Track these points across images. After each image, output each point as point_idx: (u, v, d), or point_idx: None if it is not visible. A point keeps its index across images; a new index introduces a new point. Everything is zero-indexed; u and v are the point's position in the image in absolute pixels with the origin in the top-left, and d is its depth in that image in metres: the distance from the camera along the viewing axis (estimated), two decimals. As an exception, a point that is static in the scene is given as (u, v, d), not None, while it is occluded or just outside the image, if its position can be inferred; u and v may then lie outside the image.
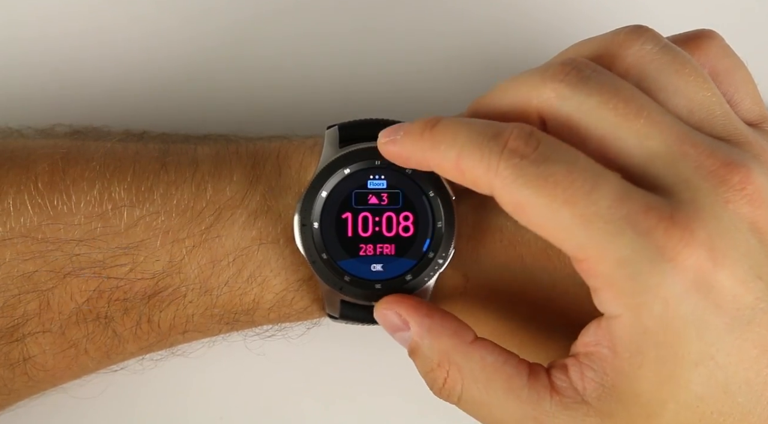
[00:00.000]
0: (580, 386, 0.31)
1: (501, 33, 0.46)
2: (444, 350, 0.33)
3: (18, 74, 0.44)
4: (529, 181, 0.30)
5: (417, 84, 0.45)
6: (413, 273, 0.36)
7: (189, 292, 0.36)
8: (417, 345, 0.34)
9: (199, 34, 0.45)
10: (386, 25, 0.46)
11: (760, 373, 0.30)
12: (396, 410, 0.45)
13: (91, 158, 0.37)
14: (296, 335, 0.40)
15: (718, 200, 0.30)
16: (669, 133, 0.31)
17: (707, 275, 0.29)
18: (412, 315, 0.34)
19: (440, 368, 0.33)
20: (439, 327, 0.34)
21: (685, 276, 0.29)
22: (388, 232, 0.36)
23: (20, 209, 0.35)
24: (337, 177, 0.36)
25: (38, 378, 0.37)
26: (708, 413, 0.31)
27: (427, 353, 0.34)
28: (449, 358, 0.33)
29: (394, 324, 0.35)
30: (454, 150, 0.32)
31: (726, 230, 0.30)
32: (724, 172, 0.30)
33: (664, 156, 0.30)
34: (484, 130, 0.31)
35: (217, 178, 0.37)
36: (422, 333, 0.34)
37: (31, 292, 0.35)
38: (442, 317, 0.34)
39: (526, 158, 0.30)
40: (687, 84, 0.32)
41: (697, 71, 0.33)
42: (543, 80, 0.32)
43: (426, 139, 0.32)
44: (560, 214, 0.30)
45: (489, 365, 0.33)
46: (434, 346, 0.33)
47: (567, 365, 0.32)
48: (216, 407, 0.44)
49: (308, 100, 0.45)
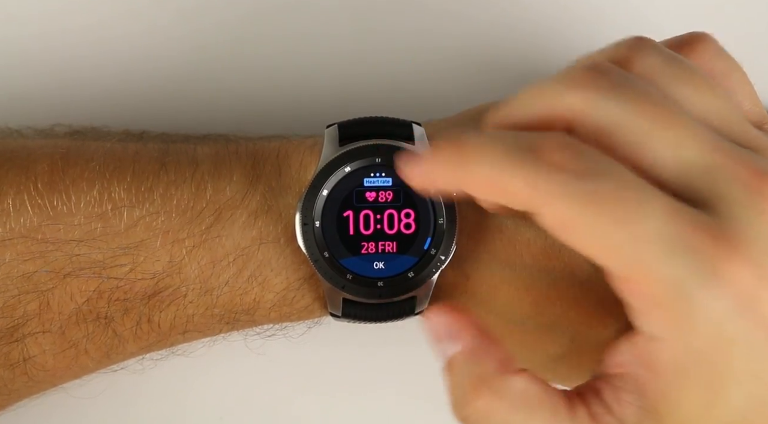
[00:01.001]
0: (618, 412, 0.30)
1: (501, 33, 0.46)
2: (484, 375, 0.31)
3: (17, 74, 0.44)
4: (575, 199, 0.28)
5: (417, 84, 0.46)
6: (415, 270, 0.36)
7: (189, 292, 0.36)
8: (457, 362, 0.32)
9: (199, 34, 0.45)
10: (386, 25, 0.46)
11: None
12: (396, 410, 0.45)
13: (91, 158, 0.36)
14: (297, 335, 0.40)
15: (756, 213, 0.29)
16: (703, 142, 0.30)
17: (753, 292, 0.28)
18: (468, 330, 0.32)
19: (475, 391, 0.31)
20: (486, 350, 0.32)
21: (734, 295, 0.28)
22: (389, 229, 0.36)
23: (20, 210, 0.35)
24: (338, 175, 0.36)
25: (38, 378, 0.37)
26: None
27: (464, 373, 0.32)
28: (489, 384, 0.31)
29: (442, 333, 0.32)
30: (488, 167, 0.29)
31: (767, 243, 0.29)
32: (758, 183, 0.29)
33: (700, 167, 0.29)
34: (517, 143, 0.29)
35: (217, 178, 0.37)
36: (467, 349, 0.32)
37: (31, 292, 0.35)
38: (492, 341, 0.32)
39: (571, 173, 0.28)
40: (699, 94, 0.31)
41: (705, 80, 0.32)
42: (568, 87, 0.30)
43: (455, 156, 0.30)
44: (609, 233, 0.28)
45: (533, 397, 0.31)
46: (476, 367, 0.31)
47: (600, 390, 0.31)
48: (216, 407, 0.44)
49: (308, 100, 0.45)
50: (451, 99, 0.45)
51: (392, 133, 0.36)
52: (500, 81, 0.46)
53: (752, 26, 0.47)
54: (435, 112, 0.42)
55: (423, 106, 0.45)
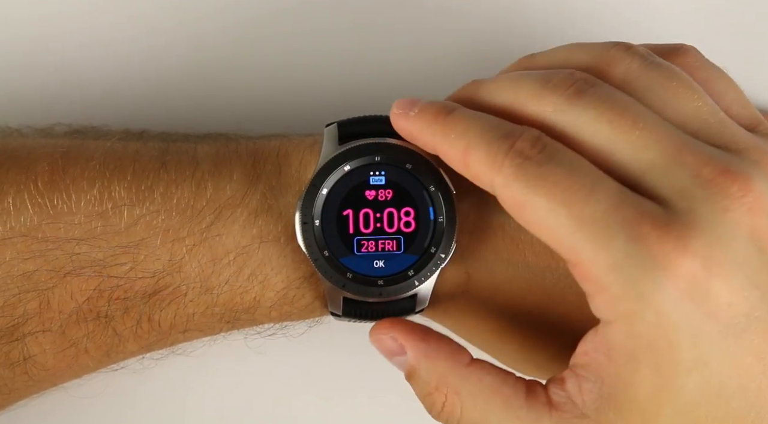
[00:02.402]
0: (578, 400, 0.31)
1: (500, 32, 0.46)
2: (441, 374, 0.34)
3: (17, 74, 0.44)
4: (529, 181, 0.30)
5: (416, 84, 0.46)
6: (415, 269, 0.36)
7: (189, 291, 0.36)
8: (414, 369, 0.34)
9: (199, 33, 0.45)
10: (385, 24, 0.46)
11: (754, 379, 0.31)
12: (396, 410, 0.45)
13: (91, 157, 0.36)
14: (297, 334, 0.40)
15: (716, 209, 0.30)
16: (666, 143, 0.31)
17: (701, 283, 0.29)
18: (408, 339, 0.34)
19: (438, 392, 0.34)
20: (435, 350, 0.34)
21: (679, 284, 0.29)
22: (389, 228, 0.36)
23: (20, 209, 0.35)
24: (337, 174, 0.36)
25: (38, 377, 0.37)
26: (702, 418, 0.31)
27: (424, 377, 0.34)
28: (446, 381, 0.34)
29: (390, 349, 0.35)
30: (464, 141, 0.32)
31: (722, 238, 0.30)
32: (722, 180, 0.30)
33: (660, 166, 0.31)
34: (496, 129, 0.32)
35: (217, 177, 0.37)
36: (419, 357, 0.34)
37: (31, 291, 0.35)
38: (438, 340, 0.34)
39: (530, 159, 0.31)
40: (677, 97, 0.33)
41: (685, 82, 0.33)
42: (543, 92, 0.33)
43: (438, 124, 0.33)
44: (557, 214, 0.30)
45: (487, 387, 0.33)
46: (431, 370, 0.34)
47: (564, 379, 0.32)
48: (216, 407, 0.44)
49: (308, 100, 0.45)
50: (451, 98, 0.44)
51: (392, 132, 0.36)
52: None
53: (750, 26, 0.47)
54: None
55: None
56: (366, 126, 0.36)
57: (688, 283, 0.29)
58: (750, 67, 0.45)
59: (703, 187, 0.30)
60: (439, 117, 0.33)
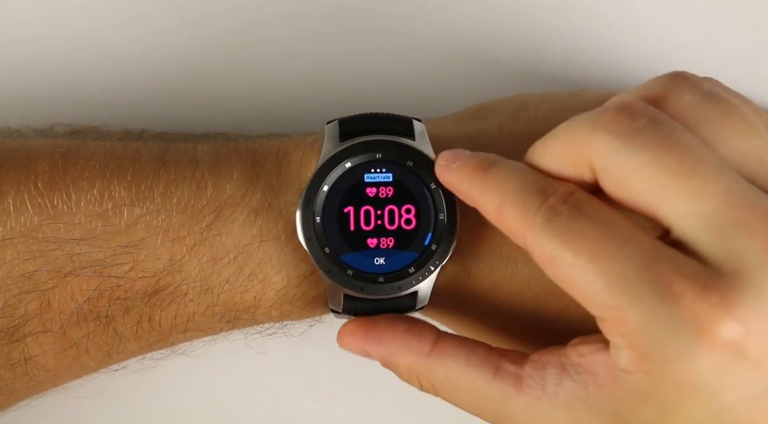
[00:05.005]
0: (551, 391, 0.32)
1: (501, 32, 0.46)
2: (407, 367, 0.35)
3: (18, 74, 0.44)
4: (558, 236, 0.30)
5: (416, 84, 0.46)
6: (416, 266, 0.36)
7: (190, 290, 0.36)
8: (392, 365, 0.35)
9: (198, 34, 0.45)
10: (385, 24, 0.46)
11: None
12: (397, 410, 0.44)
13: (91, 157, 0.36)
14: (298, 333, 0.40)
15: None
16: (723, 196, 0.29)
17: (740, 353, 0.28)
18: (366, 346, 0.35)
19: (411, 380, 0.35)
20: (393, 349, 0.35)
21: (714, 352, 0.28)
22: (390, 225, 0.36)
23: (20, 209, 0.35)
24: (338, 171, 0.36)
25: (39, 378, 0.37)
26: None
27: (396, 371, 0.35)
28: (414, 373, 0.35)
29: (361, 354, 0.36)
30: (500, 197, 0.32)
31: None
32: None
33: (713, 221, 0.29)
34: (531, 185, 0.32)
35: (217, 177, 0.37)
36: (381, 358, 0.35)
37: (32, 292, 0.35)
38: (393, 337, 0.35)
39: (560, 215, 0.30)
40: (734, 134, 0.31)
41: (744, 118, 0.31)
42: (594, 130, 0.31)
43: (478, 178, 0.33)
44: (585, 270, 0.29)
45: (452, 372, 0.34)
46: (398, 366, 0.35)
47: (546, 364, 0.32)
48: (216, 407, 0.44)
49: (308, 100, 0.45)
50: (450, 99, 0.45)
51: (392, 129, 0.36)
52: (500, 80, 0.46)
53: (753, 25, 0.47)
54: (435, 110, 0.42)
55: (423, 104, 0.45)
56: (367, 123, 0.36)
57: (725, 351, 0.28)
58: (750, 67, 0.45)
59: (757, 249, 0.28)
60: (478, 171, 0.33)
